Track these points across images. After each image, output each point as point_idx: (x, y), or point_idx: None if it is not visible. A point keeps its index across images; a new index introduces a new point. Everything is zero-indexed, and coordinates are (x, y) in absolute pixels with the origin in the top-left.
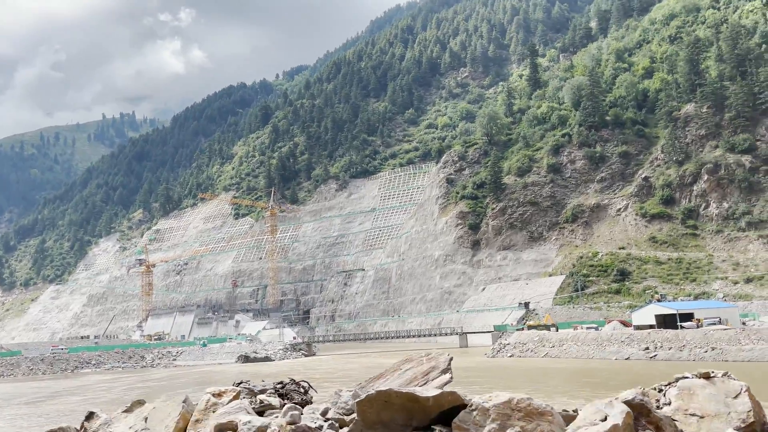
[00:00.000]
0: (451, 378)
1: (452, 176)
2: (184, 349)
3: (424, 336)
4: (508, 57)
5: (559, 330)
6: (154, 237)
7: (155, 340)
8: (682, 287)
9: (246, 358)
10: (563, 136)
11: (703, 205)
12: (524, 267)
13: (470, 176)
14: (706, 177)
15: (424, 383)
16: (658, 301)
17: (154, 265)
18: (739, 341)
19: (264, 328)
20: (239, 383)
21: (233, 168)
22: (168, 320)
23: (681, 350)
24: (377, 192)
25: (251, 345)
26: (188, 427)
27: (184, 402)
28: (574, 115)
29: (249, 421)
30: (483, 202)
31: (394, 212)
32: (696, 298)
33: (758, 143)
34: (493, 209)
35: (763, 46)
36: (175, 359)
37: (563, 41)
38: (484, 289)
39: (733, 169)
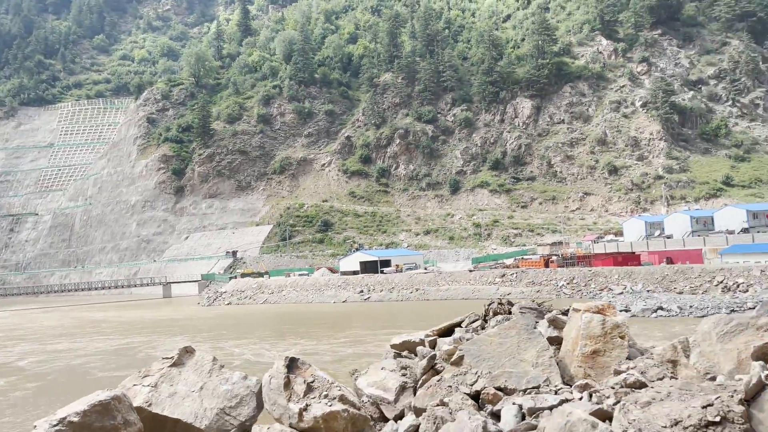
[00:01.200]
0: None
1: (154, 116)
2: None
3: (118, 288)
4: None
5: (271, 277)
6: None
7: None
8: (375, 238)
9: None
10: (274, 87)
11: (395, 165)
12: (231, 216)
13: (175, 118)
14: (398, 141)
15: None
16: (357, 249)
17: None
18: (437, 283)
19: None
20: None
21: None
22: None
23: (391, 292)
24: (56, 125)
25: None
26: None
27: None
28: (285, 69)
29: None
30: (189, 146)
31: (78, 150)
32: (387, 247)
33: (439, 115)
34: (200, 155)
35: (446, 30)
36: None
37: None
38: (187, 237)
39: (419, 136)
